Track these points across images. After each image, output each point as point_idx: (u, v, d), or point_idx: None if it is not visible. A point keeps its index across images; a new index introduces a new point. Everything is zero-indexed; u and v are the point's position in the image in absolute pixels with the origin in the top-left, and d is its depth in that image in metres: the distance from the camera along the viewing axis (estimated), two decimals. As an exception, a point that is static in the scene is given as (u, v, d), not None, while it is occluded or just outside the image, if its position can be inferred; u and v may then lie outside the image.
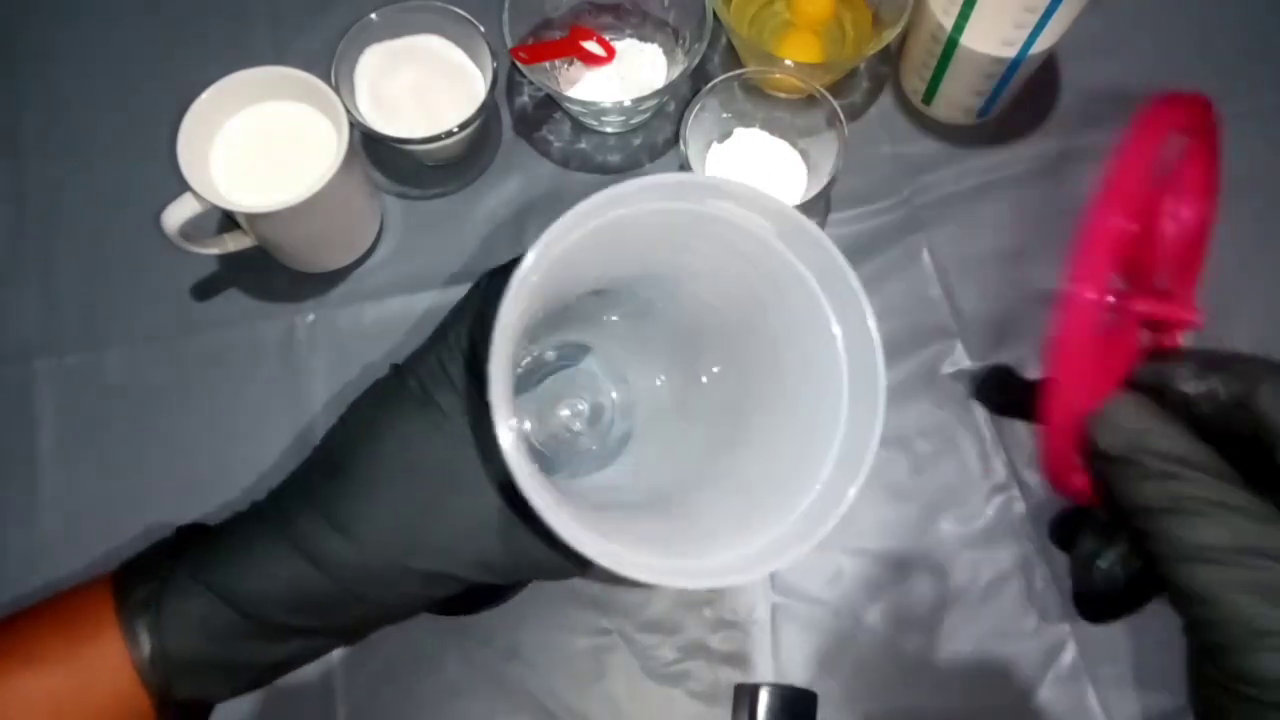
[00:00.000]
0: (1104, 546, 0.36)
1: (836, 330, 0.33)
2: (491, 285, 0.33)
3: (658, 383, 0.45)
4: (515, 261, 0.32)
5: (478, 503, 0.32)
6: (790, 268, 0.33)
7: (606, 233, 0.32)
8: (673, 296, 0.41)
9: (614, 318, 0.44)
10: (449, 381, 0.32)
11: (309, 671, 0.50)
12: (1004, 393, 0.43)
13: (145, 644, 0.32)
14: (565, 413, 0.46)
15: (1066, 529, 0.39)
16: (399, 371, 0.35)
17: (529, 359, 0.46)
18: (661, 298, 0.41)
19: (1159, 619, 0.53)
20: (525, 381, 0.46)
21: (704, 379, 0.42)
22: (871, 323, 0.33)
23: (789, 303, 0.34)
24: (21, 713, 0.31)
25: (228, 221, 0.55)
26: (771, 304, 0.36)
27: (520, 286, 0.30)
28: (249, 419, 0.55)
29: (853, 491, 0.32)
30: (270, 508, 0.35)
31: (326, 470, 0.34)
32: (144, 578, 0.33)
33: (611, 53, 0.60)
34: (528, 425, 0.46)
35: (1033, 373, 0.50)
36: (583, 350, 0.47)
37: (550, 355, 0.47)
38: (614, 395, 0.47)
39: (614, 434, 0.46)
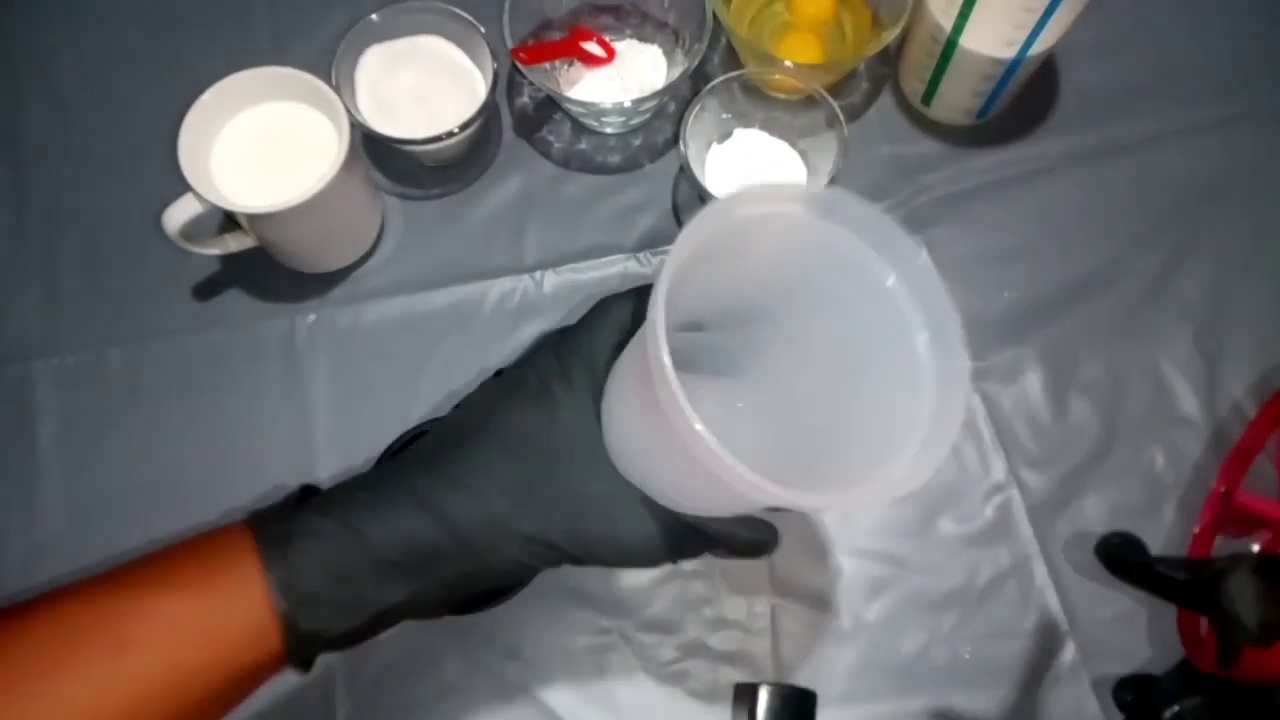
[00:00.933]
0: (1178, 701, 0.46)
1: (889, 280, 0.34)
2: (609, 308, 0.38)
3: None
4: (635, 290, 0.37)
5: (579, 482, 0.36)
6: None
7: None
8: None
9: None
10: (564, 378, 0.37)
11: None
12: (1126, 555, 0.49)
13: (278, 574, 0.34)
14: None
15: (1131, 688, 0.49)
16: (519, 367, 0.39)
17: None
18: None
19: (1158, 617, 0.53)
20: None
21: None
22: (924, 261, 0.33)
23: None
24: (162, 632, 0.34)
25: (228, 222, 0.55)
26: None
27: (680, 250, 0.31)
28: (249, 419, 0.55)
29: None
30: (391, 469, 0.38)
31: (445, 442, 0.38)
32: (276, 518, 0.36)
33: (611, 53, 0.60)
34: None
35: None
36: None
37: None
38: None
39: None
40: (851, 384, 0.38)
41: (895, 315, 0.34)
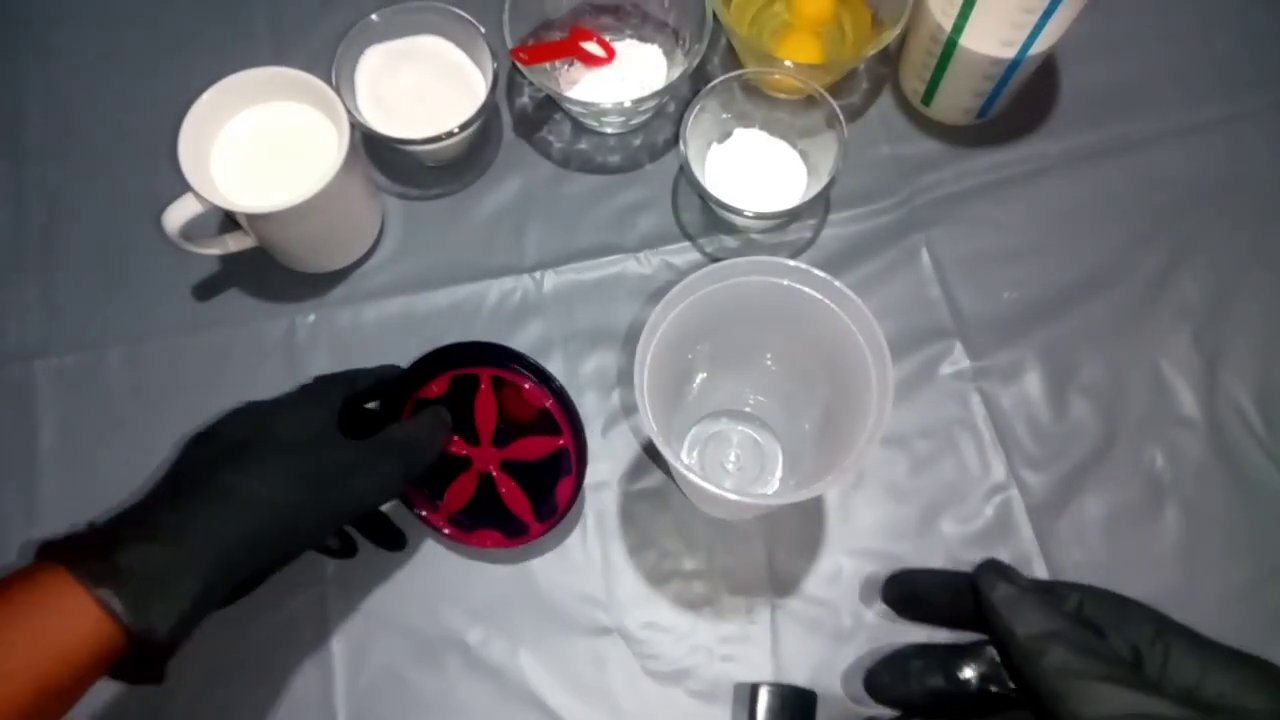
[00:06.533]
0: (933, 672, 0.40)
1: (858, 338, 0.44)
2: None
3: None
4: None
5: (329, 460, 0.44)
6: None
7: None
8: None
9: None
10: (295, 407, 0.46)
11: (308, 670, 0.51)
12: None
13: (109, 577, 0.37)
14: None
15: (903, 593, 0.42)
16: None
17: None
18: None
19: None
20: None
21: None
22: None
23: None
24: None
25: (228, 222, 0.55)
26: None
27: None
28: (249, 419, 0.55)
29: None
30: (168, 493, 0.42)
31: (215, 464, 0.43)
32: (83, 550, 0.38)
33: (611, 53, 0.60)
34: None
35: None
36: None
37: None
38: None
39: None
40: (831, 392, 0.47)
41: (851, 337, 0.43)
